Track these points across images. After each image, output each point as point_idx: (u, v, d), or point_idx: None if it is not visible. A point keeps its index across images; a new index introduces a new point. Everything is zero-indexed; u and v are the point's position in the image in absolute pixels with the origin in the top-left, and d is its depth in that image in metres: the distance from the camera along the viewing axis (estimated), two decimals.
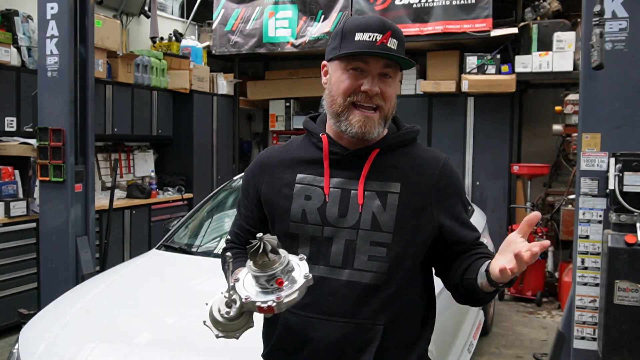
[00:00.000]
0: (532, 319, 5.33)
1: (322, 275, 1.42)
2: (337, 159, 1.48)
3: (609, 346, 2.93)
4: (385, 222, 1.42)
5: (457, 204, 1.52)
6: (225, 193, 3.89)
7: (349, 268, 1.42)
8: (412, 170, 1.48)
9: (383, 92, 1.42)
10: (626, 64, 3.02)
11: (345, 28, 1.45)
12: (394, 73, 1.45)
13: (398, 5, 6.35)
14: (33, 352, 2.35)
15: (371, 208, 1.43)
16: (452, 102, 6.54)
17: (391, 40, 1.40)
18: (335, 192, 1.45)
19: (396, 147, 1.51)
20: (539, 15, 6.14)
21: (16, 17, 5.06)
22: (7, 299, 4.60)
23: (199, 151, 6.94)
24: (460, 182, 1.58)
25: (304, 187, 1.48)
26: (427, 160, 1.51)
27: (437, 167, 1.50)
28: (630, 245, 2.89)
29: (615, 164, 2.99)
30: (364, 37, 1.40)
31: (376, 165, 1.47)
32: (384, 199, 1.43)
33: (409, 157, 1.51)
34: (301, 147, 1.56)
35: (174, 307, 2.68)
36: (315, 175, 1.48)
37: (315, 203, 1.46)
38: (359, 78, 1.42)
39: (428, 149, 1.58)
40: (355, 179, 1.45)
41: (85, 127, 4.49)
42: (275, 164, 1.55)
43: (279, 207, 1.50)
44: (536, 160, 6.38)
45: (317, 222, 1.45)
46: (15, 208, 4.67)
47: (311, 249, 1.44)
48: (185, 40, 7.28)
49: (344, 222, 1.43)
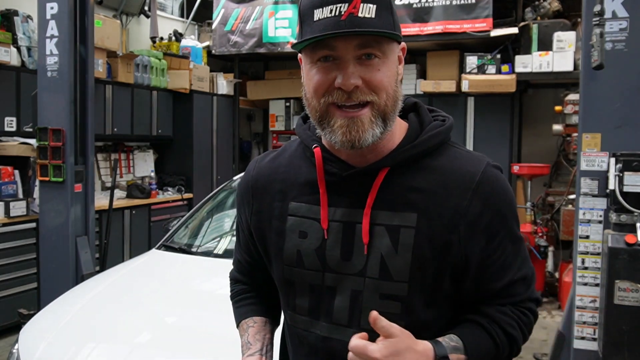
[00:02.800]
0: None
1: (324, 335, 1.14)
2: (335, 180, 1.13)
3: (609, 346, 2.92)
4: (398, 269, 1.07)
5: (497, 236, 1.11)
6: (225, 193, 3.89)
7: (355, 327, 1.10)
8: (435, 192, 1.09)
9: (368, 80, 1.03)
10: (626, 64, 3.01)
11: (302, 7, 1.06)
12: (380, 50, 1.04)
13: (398, 5, 6.34)
14: (33, 352, 2.35)
15: (380, 249, 1.08)
16: (452, 102, 6.54)
17: (364, 6, 1.00)
18: (336, 227, 1.12)
19: (415, 159, 1.12)
20: (539, 15, 6.14)
21: (16, 17, 5.06)
22: (7, 299, 4.60)
23: (199, 151, 6.94)
24: (506, 205, 1.12)
25: (298, 220, 1.16)
26: (458, 175, 1.10)
27: (469, 186, 1.09)
28: (631, 245, 2.88)
29: (616, 164, 2.99)
30: (325, 14, 1.01)
31: (387, 189, 1.10)
32: (396, 237, 1.08)
33: (433, 172, 1.11)
34: (293, 162, 1.21)
35: (173, 307, 2.67)
36: (312, 204, 1.15)
37: (313, 242, 1.14)
38: (332, 70, 1.04)
39: (462, 156, 1.14)
40: (359, 208, 1.10)
41: (85, 127, 4.49)
42: (264, 187, 1.23)
43: (272, 245, 1.20)
44: (536, 160, 6.38)
45: (315, 267, 1.14)
46: (15, 208, 4.67)
47: (310, 301, 1.15)
48: (185, 40, 7.28)
49: (348, 268, 1.11)
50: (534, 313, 1.19)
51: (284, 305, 1.24)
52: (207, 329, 2.36)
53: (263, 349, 1.25)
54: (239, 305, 1.37)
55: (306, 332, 1.17)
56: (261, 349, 1.25)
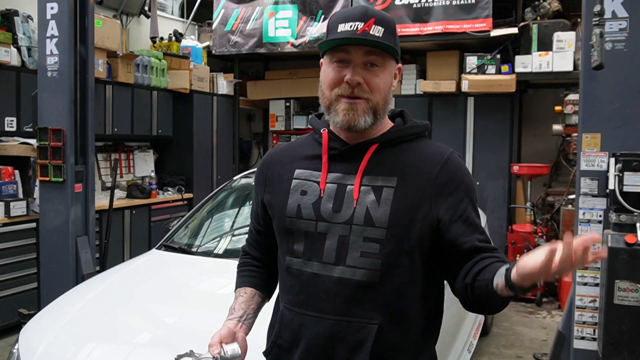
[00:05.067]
0: (532, 319, 5.33)
1: (315, 272, 1.40)
2: (336, 154, 1.45)
3: (609, 346, 2.93)
4: (379, 217, 1.37)
5: (462, 201, 1.41)
6: (225, 193, 3.89)
7: (342, 265, 1.38)
8: (412, 164, 1.42)
9: (368, 82, 1.38)
10: (626, 64, 3.02)
11: (331, 21, 1.43)
12: (381, 62, 1.40)
13: (398, 5, 6.35)
14: (33, 352, 2.35)
15: (365, 203, 1.39)
16: (452, 102, 6.55)
17: (375, 27, 1.36)
18: (331, 187, 1.43)
19: (398, 142, 1.46)
20: (539, 15, 6.14)
21: (16, 17, 5.06)
22: (7, 299, 4.60)
23: (199, 151, 6.94)
24: (468, 180, 1.46)
25: (301, 182, 1.46)
26: (430, 154, 1.45)
27: (439, 161, 1.43)
28: (630, 245, 2.89)
29: (615, 164, 2.99)
30: (346, 27, 1.37)
31: (375, 160, 1.43)
32: (379, 194, 1.39)
33: (412, 151, 1.45)
34: (304, 144, 1.55)
35: (173, 307, 2.68)
36: (313, 170, 1.46)
37: (311, 198, 1.43)
38: (343, 69, 1.39)
39: (434, 144, 1.51)
40: (352, 174, 1.42)
41: (85, 127, 4.49)
42: (277, 161, 1.56)
43: (278, 203, 1.49)
44: (536, 160, 6.39)
45: (311, 217, 1.42)
46: (15, 208, 4.67)
47: (305, 245, 1.43)
48: (185, 40, 7.28)
49: (337, 217, 1.40)
50: None
51: (282, 252, 1.49)
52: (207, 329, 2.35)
53: (243, 316, 1.54)
54: (240, 275, 1.66)
55: (300, 271, 1.43)
56: (242, 316, 1.54)
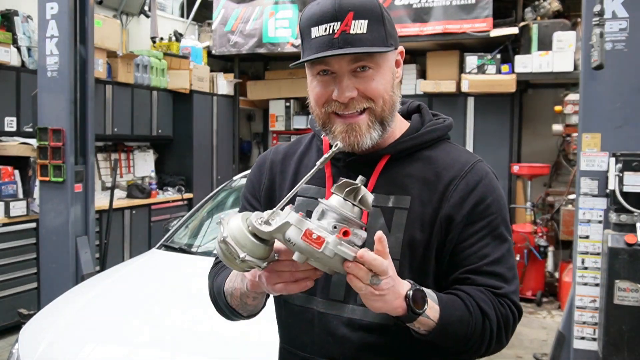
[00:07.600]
0: (532, 319, 5.33)
1: (320, 310, 1.20)
2: (340, 165, 1.23)
3: (609, 346, 2.93)
4: (390, 247, 1.08)
5: (481, 229, 1.15)
6: (225, 193, 3.89)
7: (352, 303, 1.17)
8: (428, 179, 1.18)
9: (363, 90, 1.12)
10: (626, 64, 3.02)
11: (302, 21, 1.16)
12: (373, 61, 1.12)
13: (398, 5, 6.34)
14: (33, 352, 2.35)
15: (374, 229, 1.11)
16: (452, 102, 6.54)
17: (355, 23, 1.08)
18: None
19: (414, 150, 1.21)
20: (539, 15, 6.14)
21: (16, 17, 5.06)
22: (7, 299, 4.60)
23: (199, 151, 6.94)
24: (496, 201, 1.17)
25: (306, 200, 1.24)
26: (449, 164, 1.19)
27: (459, 172, 1.17)
28: (630, 245, 2.89)
29: (616, 164, 2.99)
30: (320, 32, 1.10)
31: (386, 176, 1.19)
32: (390, 217, 1.16)
33: (428, 162, 1.20)
34: (306, 151, 1.33)
35: (173, 307, 2.67)
36: (320, 186, 1.24)
37: None
38: (329, 83, 1.14)
39: (457, 150, 1.24)
40: None
41: (85, 127, 4.50)
42: (281, 165, 1.34)
43: None
44: (536, 160, 6.38)
45: None
46: (15, 208, 4.66)
47: None
48: (185, 40, 7.28)
49: None
50: (513, 312, 1.16)
51: None
52: (207, 329, 2.36)
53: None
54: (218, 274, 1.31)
55: (302, 307, 1.22)
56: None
